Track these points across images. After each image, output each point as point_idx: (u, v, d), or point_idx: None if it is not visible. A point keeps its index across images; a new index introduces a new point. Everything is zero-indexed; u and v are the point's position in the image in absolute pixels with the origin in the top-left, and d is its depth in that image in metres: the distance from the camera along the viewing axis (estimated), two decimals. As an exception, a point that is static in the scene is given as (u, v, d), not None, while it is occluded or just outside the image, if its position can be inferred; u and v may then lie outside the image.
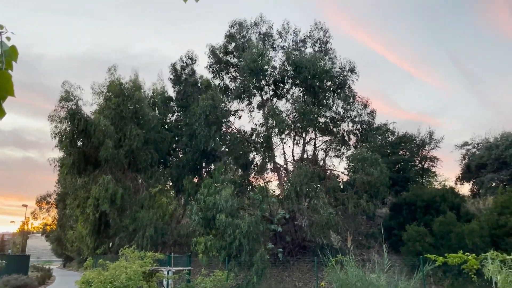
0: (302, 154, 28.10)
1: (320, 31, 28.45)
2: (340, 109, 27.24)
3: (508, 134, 32.41)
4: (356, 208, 23.64)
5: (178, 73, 29.47)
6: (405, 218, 25.89)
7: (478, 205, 28.93)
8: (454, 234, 22.37)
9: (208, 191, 21.29)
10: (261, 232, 21.44)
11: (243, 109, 29.29)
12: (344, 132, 28.03)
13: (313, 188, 23.22)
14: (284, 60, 27.41)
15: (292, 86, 27.97)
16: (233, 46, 28.55)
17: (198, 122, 24.70)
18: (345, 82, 27.37)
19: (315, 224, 21.87)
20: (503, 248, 20.55)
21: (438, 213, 24.58)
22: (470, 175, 35.01)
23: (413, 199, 26.62)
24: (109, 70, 26.57)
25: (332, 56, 27.76)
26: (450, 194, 27.07)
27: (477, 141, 35.97)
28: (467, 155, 36.18)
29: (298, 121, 25.85)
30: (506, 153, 31.00)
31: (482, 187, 32.51)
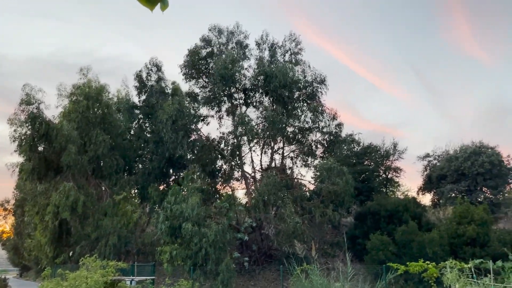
0: (270, 163, 28.24)
1: (293, 42, 28.83)
2: (308, 120, 27.61)
3: (467, 146, 33.77)
4: (322, 217, 23.91)
5: (143, 79, 28.94)
6: (369, 227, 26.40)
7: (438, 215, 29.92)
8: (415, 243, 23.00)
9: (175, 199, 21.00)
10: (228, 241, 21.31)
11: (212, 115, 29.16)
12: (312, 142, 28.41)
13: (280, 197, 23.34)
14: (256, 69, 27.59)
15: (263, 95, 28.15)
16: (207, 52, 28.44)
17: (165, 128, 24.33)
18: (315, 93, 27.80)
19: (281, 233, 21.96)
20: (461, 257, 21.28)
21: (401, 223, 25.23)
22: (431, 185, 36.19)
23: (377, 208, 27.21)
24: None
25: (304, 67, 28.19)
26: (412, 204, 27.88)
27: (438, 153, 37.30)
28: (429, 166, 37.41)
29: (267, 130, 25.99)
30: (464, 165, 32.26)
31: (442, 198, 33.66)
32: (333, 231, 29.42)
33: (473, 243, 22.96)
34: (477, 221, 23.29)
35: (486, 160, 31.57)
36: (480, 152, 32.39)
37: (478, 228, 23.01)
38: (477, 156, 32.19)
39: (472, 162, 31.98)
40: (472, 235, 22.82)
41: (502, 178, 32.39)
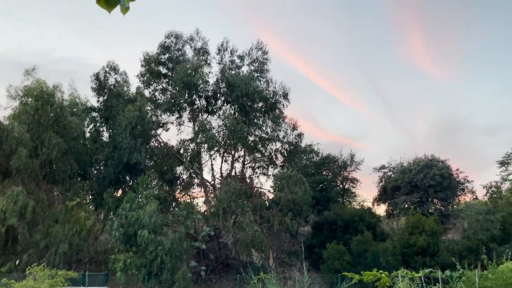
0: (230, 171, 28.14)
1: (259, 51, 28.91)
2: (269, 129, 27.78)
3: (420, 159, 35.15)
4: (281, 225, 24.04)
5: (101, 82, 28.08)
6: (326, 237, 26.83)
7: (392, 225, 30.87)
8: (370, 253, 23.57)
9: (131, 206, 20.44)
10: (185, 250, 20.95)
11: (172, 122, 28.69)
12: (272, 152, 28.59)
13: (239, 205, 23.26)
14: (219, 77, 27.49)
15: (225, 103, 28.06)
16: (166, 58, 28.02)
17: (123, 133, 23.67)
18: (277, 104, 28.04)
19: (240, 242, 21.85)
20: (412, 266, 22.03)
21: (357, 232, 25.81)
22: (386, 196, 37.32)
23: (334, 218, 27.72)
24: (26, 72, 24.65)
25: (268, 78, 28.38)
26: (368, 214, 28.62)
27: (393, 165, 38.58)
28: (384, 178, 38.60)
29: (228, 138, 25.91)
30: (417, 177, 33.53)
31: (396, 208, 34.77)
32: (291, 240, 29.63)
33: (424, 253, 23.83)
34: (428, 231, 24.22)
35: (437, 173, 32.97)
36: (432, 165, 33.79)
37: (429, 238, 23.92)
38: (429, 169, 33.54)
39: (424, 174, 33.29)
40: (423, 245, 23.69)
41: (451, 190, 33.91)
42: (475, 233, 24.80)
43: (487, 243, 24.04)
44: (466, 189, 35.53)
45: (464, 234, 26.10)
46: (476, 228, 24.90)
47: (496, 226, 24.60)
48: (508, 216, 25.52)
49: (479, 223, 24.93)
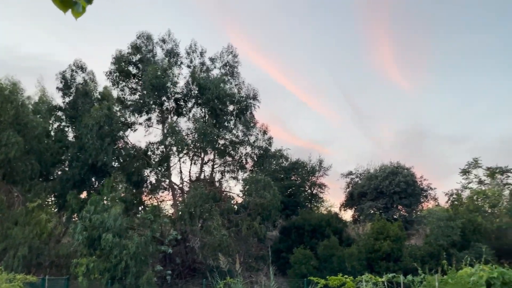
0: (199, 175, 27.88)
1: (230, 54, 28.87)
2: (240, 133, 27.75)
3: (386, 166, 35.99)
4: (249, 230, 24.00)
5: (68, 81, 27.27)
6: (293, 241, 26.99)
7: (358, 230, 31.41)
8: (336, 258, 23.89)
9: (95, 209, 19.88)
10: (150, 254, 20.56)
11: (141, 123, 28.16)
12: (242, 156, 28.54)
13: (208, 209, 23.08)
14: (189, 79, 27.24)
15: (195, 105, 27.83)
16: (138, 58, 27.53)
17: (89, 134, 23.02)
18: (248, 108, 28.05)
19: (207, 246, 21.67)
20: (377, 271, 22.46)
21: (324, 237, 26.12)
22: (352, 202, 37.96)
23: (301, 223, 27.94)
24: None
25: (239, 81, 28.34)
26: (335, 220, 29.03)
27: (360, 171, 39.31)
28: (351, 184, 39.26)
29: (198, 141, 25.69)
30: (383, 184, 34.30)
31: (362, 214, 35.41)
32: (258, 244, 29.63)
33: (387, 258, 24.35)
34: (392, 237, 24.78)
35: (402, 180, 33.82)
36: (397, 172, 34.64)
37: (393, 244, 24.48)
38: (394, 176, 34.38)
39: (390, 181, 34.08)
40: (387, 250, 24.21)
41: (415, 197, 34.87)
42: (437, 239, 25.56)
43: (448, 248, 24.82)
44: (429, 196, 36.65)
45: (426, 239, 26.85)
46: (438, 234, 25.67)
47: (456, 232, 25.44)
48: (468, 223, 26.44)
49: (440, 229, 25.71)
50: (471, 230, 26.25)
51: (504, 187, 34.83)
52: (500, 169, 35.53)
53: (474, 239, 25.79)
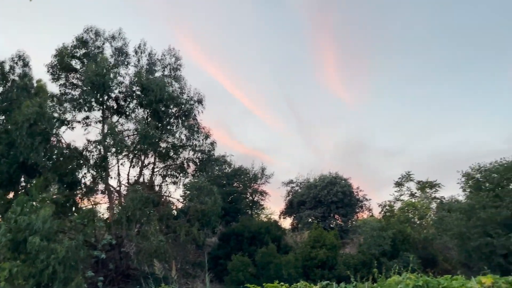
0: (138, 178, 27.01)
1: (173, 57, 28.40)
2: (183, 137, 27.28)
3: (325, 176, 37.09)
4: (187, 236, 23.61)
5: (4, 73, 25.46)
6: (232, 248, 26.93)
7: (296, 238, 31.98)
8: (273, 265, 24.12)
9: (22, 210, 18.57)
10: (81, 259, 19.52)
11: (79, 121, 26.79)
12: (184, 160, 28.06)
13: (145, 214, 22.42)
14: (133, 79, 26.44)
15: (138, 106, 27.02)
16: (83, 53, 26.27)
17: (19, 131, 21.51)
18: (191, 111, 27.69)
19: (143, 251, 21.01)
20: (312, 279, 22.96)
21: (262, 244, 26.30)
22: (292, 210, 38.69)
23: (241, 229, 27.97)
24: None
25: (182, 84, 27.90)
26: (274, 227, 29.36)
27: (301, 180, 40.22)
28: (291, 192, 40.04)
29: (138, 143, 24.93)
30: (322, 193, 35.31)
31: (301, 222, 36.18)
32: (196, 251, 29.24)
33: (323, 266, 25.00)
34: (328, 245, 25.51)
35: (340, 190, 35.03)
36: (335, 183, 35.83)
37: (328, 252, 25.19)
38: (332, 185, 35.52)
39: (328, 191, 35.17)
40: (323, 258, 24.86)
41: (351, 207, 36.22)
42: (369, 248, 26.64)
43: (379, 257, 25.95)
44: (364, 207, 38.26)
45: (359, 248, 27.89)
46: (370, 244, 26.77)
47: (387, 242, 26.67)
48: (398, 233, 27.83)
49: (373, 239, 26.84)
50: (401, 240, 27.63)
51: (432, 200, 37.15)
52: (429, 183, 37.87)
53: (403, 248, 27.16)
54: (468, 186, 28.58)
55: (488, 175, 27.03)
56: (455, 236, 26.58)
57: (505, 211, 24.26)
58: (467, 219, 26.20)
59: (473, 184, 27.98)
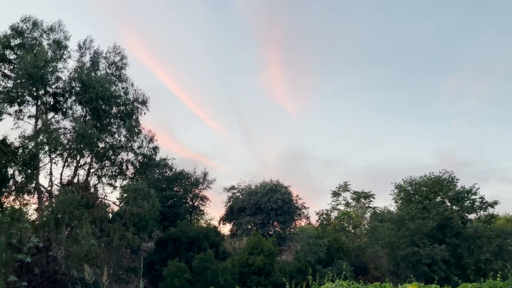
0: (72, 178, 25.71)
1: (118, 55, 27.45)
2: (123, 138, 26.39)
3: (266, 183, 37.52)
4: (122, 240, 22.78)
5: None
6: (169, 254, 26.39)
7: (234, 244, 31.96)
8: (210, 271, 23.92)
9: None
10: (4, 262, 18.19)
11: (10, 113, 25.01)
12: (123, 162, 27.14)
13: (77, 216, 21.36)
14: (73, 75, 25.19)
15: (76, 103, 25.77)
16: (18, 43, 24.57)
17: None
18: (134, 112, 26.90)
19: (72, 256, 19.97)
20: (249, 285, 23.11)
21: (200, 250, 26.03)
22: (232, 216, 38.67)
23: (179, 235, 27.51)
24: None
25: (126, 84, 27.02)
26: (213, 233, 29.17)
27: (242, 186, 40.37)
28: (232, 198, 40.05)
29: (75, 142, 23.77)
30: (262, 200, 35.65)
31: (240, 228, 36.26)
32: (131, 256, 28.32)
33: (260, 273, 25.18)
34: (266, 252, 25.75)
35: (279, 198, 35.58)
36: (276, 190, 36.36)
37: (266, 259, 25.43)
38: (273, 193, 36.00)
39: (269, 198, 35.60)
40: (260, 265, 25.04)
41: (290, 214, 36.90)
42: (305, 255, 27.23)
43: (314, 264, 26.61)
44: (303, 215, 39.13)
45: (296, 256, 28.43)
46: (307, 251, 27.38)
47: (322, 249, 27.43)
48: (333, 241, 28.73)
49: (309, 246, 27.48)
50: (335, 248, 28.54)
51: (366, 210, 38.82)
52: (364, 194, 39.56)
53: (338, 256, 28.07)
54: (399, 198, 30.21)
55: (418, 188, 28.75)
56: (385, 245, 27.91)
57: (431, 222, 25.89)
58: (397, 229, 27.66)
59: (404, 196, 29.63)
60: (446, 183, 27.80)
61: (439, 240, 25.74)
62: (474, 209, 27.11)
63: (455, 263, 25.15)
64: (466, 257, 24.77)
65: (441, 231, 26.30)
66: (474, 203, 27.08)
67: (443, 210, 26.29)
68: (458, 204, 27.22)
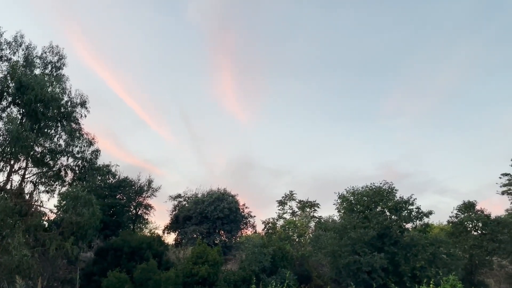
0: (5, 184, 24.06)
1: (56, 55, 26.18)
2: (62, 142, 25.13)
3: (213, 192, 37.25)
4: (58, 250, 21.59)
5: None
6: (109, 264, 25.37)
7: (179, 254, 31.32)
8: (152, 282, 23.25)
9: None
10: None
11: None
12: (62, 167, 25.81)
13: (10, 225, 20.00)
14: (7, 75, 23.69)
15: (11, 105, 24.23)
16: None
17: None
18: (73, 115, 25.73)
19: (3, 267, 18.64)
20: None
21: (142, 260, 25.25)
22: (177, 225, 37.93)
23: (120, 244, 26.54)
24: None
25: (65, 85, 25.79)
26: (156, 242, 28.44)
27: (189, 195, 39.77)
28: (178, 207, 39.32)
29: (8, 146, 22.28)
30: (209, 209, 35.30)
31: (185, 238, 35.62)
32: (68, 266, 26.87)
33: (204, 282, 24.84)
34: (210, 261, 25.46)
35: (226, 206, 35.41)
36: (223, 199, 36.17)
37: (210, 268, 25.14)
38: (220, 201, 35.78)
39: (215, 206, 35.33)
40: (204, 274, 24.71)
41: (236, 223, 36.81)
42: (250, 264, 27.23)
43: (259, 273, 26.66)
44: (249, 223, 39.17)
45: (241, 265, 28.35)
46: (252, 260, 27.39)
47: (267, 258, 27.57)
48: (278, 250, 28.97)
49: (254, 255, 27.51)
50: (280, 256, 28.79)
51: (311, 219, 39.62)
52: (309, 203, 40.38)
53: (282, 265, 28.33)
54: (342, 208, 31.12)
55: (360, 198, 29.79)
56: (328, 254, 28.57)
57: (372, 231, 26.89)
58: (339, 238, 28.43)
59: (347, 206, 30.57)
60: (386, 194, 29.04)
61: (378, 249, 26.74)
62: (411, 219, 28.52)
63: (392, 271, 26.22)
64: (403, 265, 25.92)
65: (381, 240, 27.36)
66: (411, 213, 28.49)
67: (383, 220, 27.39)
68: (396, 214, 28.49)
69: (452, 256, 26.86)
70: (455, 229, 32.73)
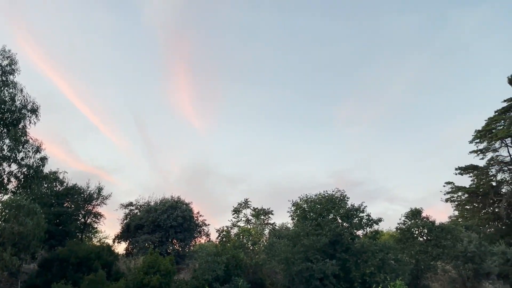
0: None
1: (6, 59, 24.92)
2: (5, 147, 23.82)
3: (167, 200, 36.56)
4: (-2, 262, 20.31)
5: None
6: (54, 276, 24.20)
7: (129, 264, 30.37)
8: (100, 293, 22.37)
9: None
10: None
11: None
12: (4, 174, 24.45)
13: None
14: None
15: None
16: None
17: None
18: (20, 120, 24.51)
19: None
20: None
21: (91, 271, 24.26)
22: (128, 234, 36.83)
23: (67, 255, 25.42)
24: None
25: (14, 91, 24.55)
26: (106, 252, 27.46)
27: (141, 203, 38.78)
28: (129, 215, 38.22)
29: None
30: (161, 217, 34.58)
31: (136, 247, 34.63)
32: (9, 279, 25.37)
33: (155, 293, 24.17)
34: (162, 271, 24.85)
35: (180, 215, 34.85)
36: (176, 207, 35.56)
37: (162, 278, 24.52)
38: (173, 210, 35.16)
39: (168, 215, 34.67)
40: (155, 285, 24.06)
41: (190, 232, 36.28)
42: (203, 273, 26.85)
43: (212, 282, 26.35)
44: (203, 232, 38.71)
45: (194, 274, 27.91)
46: (205, 269, 27.03)
47: (221, 267, 27.31)
48: (232, 258, 28.80)
49: (207, 264, 27.17)
50: (234, 265, 28.62)
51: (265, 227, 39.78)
52: (263, 211, 40.57)
53: (235, 273, 28.17)
54: (296, 215, 31.53)
55: (313, 205, 30.33)
56: (282, 261, 28.76)
57: (324, 238, 27.41)
58: (293, 245, 28.73)
59: (300, 213, 31.01)
60: (338, 201, 29.77)
61: (330, 255, 27.29)
62: (361, 226, 29.38)
63: (344, 277, 26.82)
64: (353, 271, 26.59)
65: (333, 247, 27.94)
66: (362, 220, 29.36)
67: (335, 227, 28.01)
68: (348, 221, 29.24)
69: (399, 261, 27.89)
70: (402, 236, 33.98)
